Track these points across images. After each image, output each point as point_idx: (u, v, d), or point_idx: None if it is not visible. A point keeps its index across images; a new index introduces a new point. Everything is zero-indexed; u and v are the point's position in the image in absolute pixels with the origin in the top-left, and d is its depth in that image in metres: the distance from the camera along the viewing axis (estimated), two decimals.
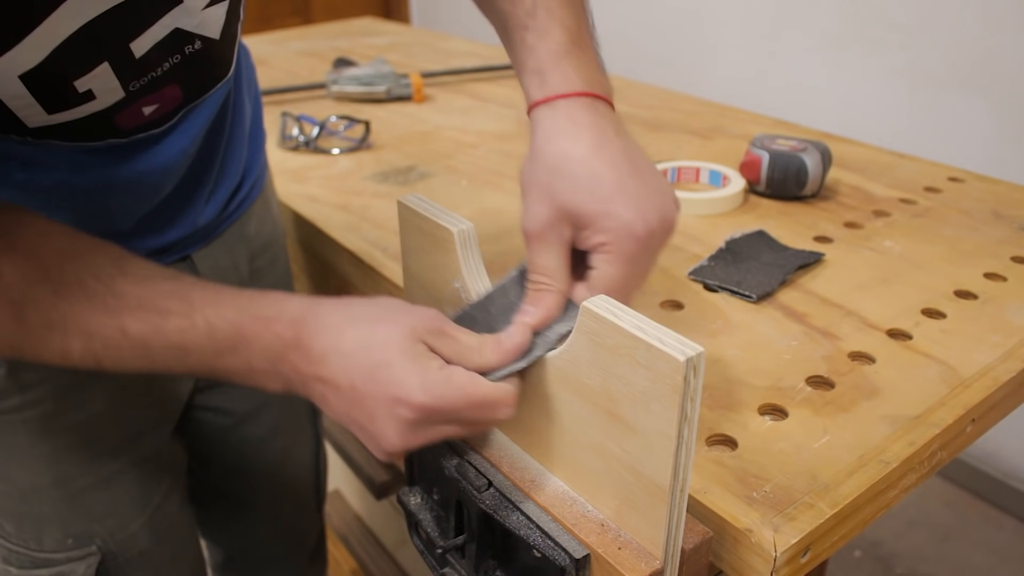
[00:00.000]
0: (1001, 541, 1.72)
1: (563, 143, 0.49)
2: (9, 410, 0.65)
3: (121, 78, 0.51)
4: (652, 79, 1.53)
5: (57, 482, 0.69)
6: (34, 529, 0.70)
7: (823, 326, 0.66)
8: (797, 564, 0.47)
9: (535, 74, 0.51)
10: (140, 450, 0.73)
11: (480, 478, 0.50)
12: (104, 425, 0.69)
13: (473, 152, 1.05)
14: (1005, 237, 0.80)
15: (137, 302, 0.47)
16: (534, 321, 0.48)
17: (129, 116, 0.55)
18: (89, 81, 0.50)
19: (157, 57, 0.53)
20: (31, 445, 0.67)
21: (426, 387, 0.44)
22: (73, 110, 0.51)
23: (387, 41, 1.70)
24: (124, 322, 0.47)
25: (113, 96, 0.52)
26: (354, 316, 0.47)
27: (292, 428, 0.93)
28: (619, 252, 0.47)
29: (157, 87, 0.55)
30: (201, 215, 0.70)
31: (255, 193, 0.79)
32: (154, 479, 0.75)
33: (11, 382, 0.64)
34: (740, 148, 1.00)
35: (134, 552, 0.74)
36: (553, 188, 0.48)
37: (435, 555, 0.54)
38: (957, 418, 0.55)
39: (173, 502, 0.79)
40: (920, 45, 1.69)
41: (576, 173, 0.48)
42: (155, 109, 0.56)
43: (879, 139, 1.15)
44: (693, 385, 0.38)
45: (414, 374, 0.44)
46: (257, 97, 0.81)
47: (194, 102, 0.60)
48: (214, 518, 0.97)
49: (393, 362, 0.44)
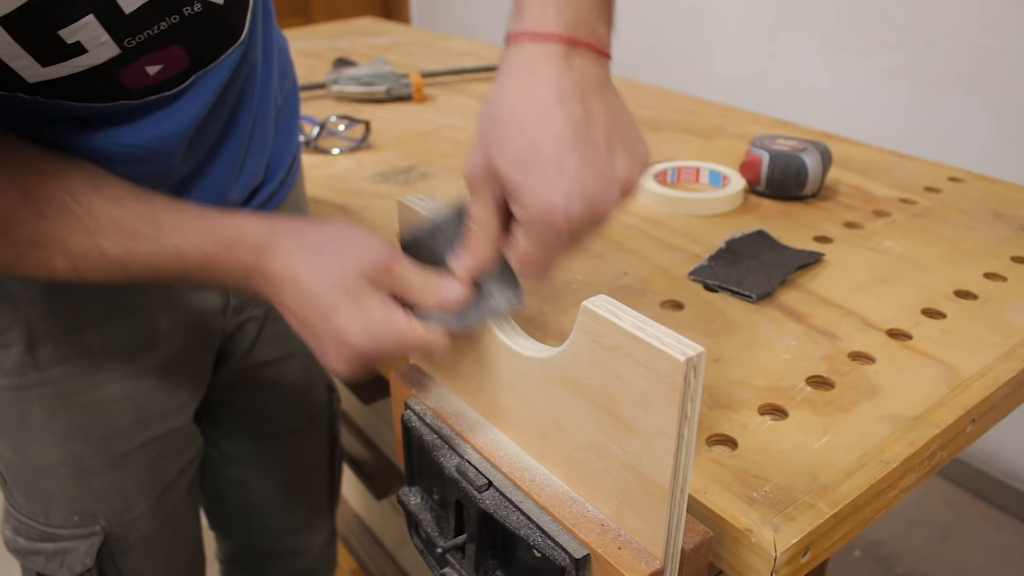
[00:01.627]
0: (1001, 541, 1.72)
1: (511, 97, 0.44)
2: (26, 386, 0.67)
3: (112, 32, 0.51)
4: (652, 79, 1.53)
5: (67, 460, 0.70)
6: (43, 504, 0.72)
7: (823, 326, 0.66)
8: (797, 564, 0.47)
9: (517, 8, 0.46)
10: (152, 435, 0.74)
11: (480, 478, 0.50)
12: (118, 408, 0.70)
13: None
14: (1005, 237, 0.80)
15: (111, 223, 0.52)
16: (464, 268, 0.50)
17: (133, 75, 0.55)
18: (76, 32, 0.49)
19: (152, 15, 0.52)
20: (45, 422, 0.68)
21: (367, 331, 0.49)
22: (67, 63, 0.51)
23: (387, 41, 1.70)
24: (101, 243, 0.52)
25: (107, 51, 0.52)
26: (306, 246, 0.52)
27: (307, 427, 0.94)
28: (532, 232, 0.44)
29: (158, 46, 0.54)
30: (230, 198, 0.69)
31: (284, 190, 0.78)
32: (163, 464, 0.76)
33: (28, 357, 0.65)
34: (740, 148, 1.00)
35: (136, 535, 0.75)
36: (490, 143, 0.45)
37: (435, 555, 0.54)
38: (957, 418, 0.55)
39: (180, 490, 0.79)
40: (920, 45, 1.69)
41: (512, 136, 0.43)
42: (160, 70, 0.56)
43: (879, 139, 1.15)
44: (693, 385, 0.38)
45: (356, 319, 0.49)
46: (292, 91, 0.80)
47: (204, 68, 0.59)
48: (226, 511, 0.98)
49: (339, 304, 0.49)
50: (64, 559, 0.73)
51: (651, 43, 2.26)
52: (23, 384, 0.67)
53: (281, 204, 0.79)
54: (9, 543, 0.75)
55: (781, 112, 1.29)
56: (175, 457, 0.78)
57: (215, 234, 0.53)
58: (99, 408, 0.69)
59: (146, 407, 0.72)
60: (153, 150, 0.59)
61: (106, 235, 0.52)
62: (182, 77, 0.58)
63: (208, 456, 0.90)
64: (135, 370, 0.70)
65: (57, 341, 0.66)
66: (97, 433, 0.70)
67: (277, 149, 0.76)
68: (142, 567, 0.77)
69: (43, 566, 0.73)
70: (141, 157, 0.59)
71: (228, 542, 1.02)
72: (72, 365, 0.67)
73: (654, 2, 2.22)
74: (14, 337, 0.65)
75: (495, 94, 0.45)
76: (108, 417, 0.70)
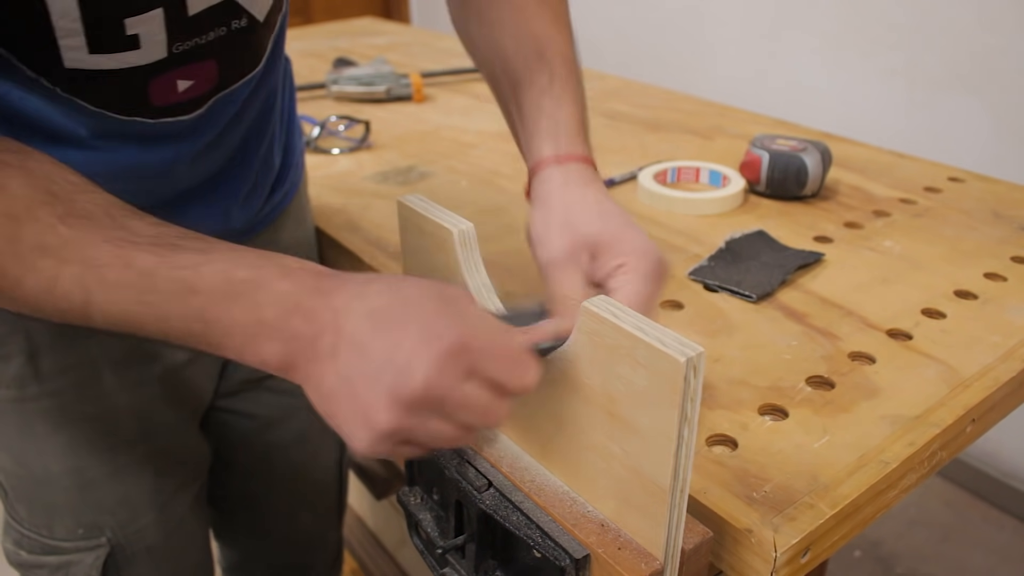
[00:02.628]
0: (1001, 541, 1.72)
1: (577, 190, 0.56)
2: (28, 398, 0.66)
3: (169, 31, 0.51)
4: (652, 79, 1.53)
5: (71, 472, 0.69)
6: (46, 516, 0.71)
7: (823, 326, 0.66)
8: (797, 564, 0.47)
9: (549, 136, 0.58)
10: (155, 446, 0.73)
11: (480, 478, 0.50)
12: (120, 419, 0.70)
13: (473, 152, 1.05)
14: (1005, 237, 0.80)
15: (148, 239, 0.43)
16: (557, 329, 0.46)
17: (164, 87, 0.54)
18: (139, 24, 0.49)
19: (207, 22, 0.53)
20: (47, 434, 0.67)
21: (464, 323, 0.40)
22: (114, 55, 0.50)
23: (387, 41, 1.70)
24: (130, 254, 0.42)
25: (156, 52, 0.52)
26: (377, 277, 0.43)
27: (317, 436, 0.92)
28: (637, 271, 0.51)
29: (197, 57, 0.55)
30: (232, 218, 0.70)
31: (287, 201, 0.79)
32: (168, 475, 0.76)
33: (30, 369, 0.65)
34: (740, 148, 1.00)
35: (142, 546, 0.75)
36: (572, 222, 0.54)
37: (435, 555, 0.54)
38: (957, 418, 0.55)
39: (186, 499, 0.79)
40: (919, 45, 1.69)
41: (592, 210, 0.54)
42: (190, 87, 0.56)
43: (879, 139, 1.15)
44: (693, 385, 0.38)
45: (449, 313, 0.40)
46: (293, 104, 0.81)
47: (225, 89, 0.60)
48: (233, 521, 0.97)
49: (426, 304, 0.40)
50: (68, 572, 0.72)
51: (651, 43, 2.26)
52: (24, 396, 0.66)
53: (285, 208, 0.79)
54: (10, 556, 0.74)
55: (781, 112, 1.29)
56: (181, 467, 0.77)
57: (274, 259, 0.43)
58: (102, 419, 0.69)
59: (150, 417, 0.72)
60: (155, 169, 0.60)
61: (139, 248, 0.42)
62: (204, 99, 0.58)
63: (214, 464, 0.89)
64: (138, 380, 0.70)
65: (58, 352, 0.65)
66: (100, 444, 0.69)
67: (284, 162, 0.77)
68: None
69: None
70: (140, 174, 0.59)
71: (234, 551, 1.01)
72: (74, 375, 0.66)
73: (654, 2, 2.22)
74: (15, 348, 0.64)
75: (557, 194, 0.56)
76: (111, 428, 0.70)
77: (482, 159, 1.03)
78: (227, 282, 0.41)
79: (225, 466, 0.89)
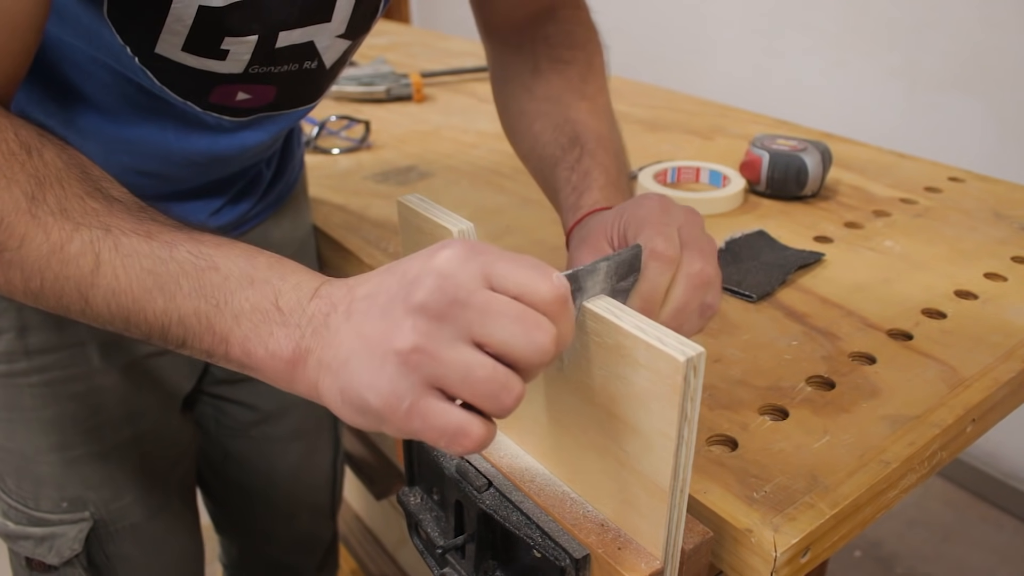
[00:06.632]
0: (1001, 541, 1.72)
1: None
2: (16, 373, 0.68)
3: (254, 55, 0.56)
4: (652, 79, 1.53)
5: (56, 447, 0.71)
6: (32, 488, 0.72)
7: (823, 326, 0.66)
8: (797, 564, 0.47)
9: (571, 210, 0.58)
10: (141, 428, 0.75)
11: (480, 478, 0.50)
12: (106, 400, 0.71)
13: (473, 152, 1.05)
14: (1005, 237, 0.80)
15: (175, 224, 0.43)
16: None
17: (225, 93, 0.59)
18: (235, 44, 0.54)
19: (286, 56, 0.58)
20: (34, 409, 0.69)
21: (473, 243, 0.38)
22: (200, 59, 0.55)
23: (387, 41, 1.70)
24: (153, 228, 0.42)
25: (235, 67, 0.56)
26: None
27: (313, 432, 0.94)
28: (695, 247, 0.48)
29: (265, 81, 0.59)
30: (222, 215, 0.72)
31: (281, 201, 0.80)
32: (154, 457, 0.77)
33: (19, 344, 0.66)
34: (740, 148, 1.00)
35: (126, 523, 0.76)
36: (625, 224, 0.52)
37: (435, 555, 0.54)
38: (957, 418, 0.55)
39: (172, 481, 0.80)
40: (919, 45, 1.69)
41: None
42: (247, 99, 0.60)
43: (879, 139, 1.15)
44: (693, 385, 0.38)
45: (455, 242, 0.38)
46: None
47: (276, 111, 0.64)
48: (228, 514, 0.98)
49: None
50: (53, 544, 0.73)
51: (651, 43, 2.26)
52: (12, 371, 0.67)
53: (283, 205, 0.79)
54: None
55: (781, 112, 1.29)
56: (166, 450, 0.79)
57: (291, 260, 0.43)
58: (88, 398, 0.70)
59: (136, 400, 0.73)
60: (184, 156, 0.63)
61: (164, 228, 0.42)
62: (253, 111, 0.62)
63: (212, 458, 0.90)
64: (125, 362, 0.71)
65: (48, 330, 0.66)
66: (86, 423, 0.71)
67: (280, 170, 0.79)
68: (131, 555, 0.78)
69: (32, 551, 0.73)
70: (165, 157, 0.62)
71: (232, 546, 1.03)
72: (62, 354, 0.68)
73: (654, 2, 2.22)
74: (6, 324, 0.66)
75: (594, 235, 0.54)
76: (97, 407, 0.71)
77: (482, 159, 1.03)
78: (250, 265, 0.41)
79: (223, 459, 0.90)
